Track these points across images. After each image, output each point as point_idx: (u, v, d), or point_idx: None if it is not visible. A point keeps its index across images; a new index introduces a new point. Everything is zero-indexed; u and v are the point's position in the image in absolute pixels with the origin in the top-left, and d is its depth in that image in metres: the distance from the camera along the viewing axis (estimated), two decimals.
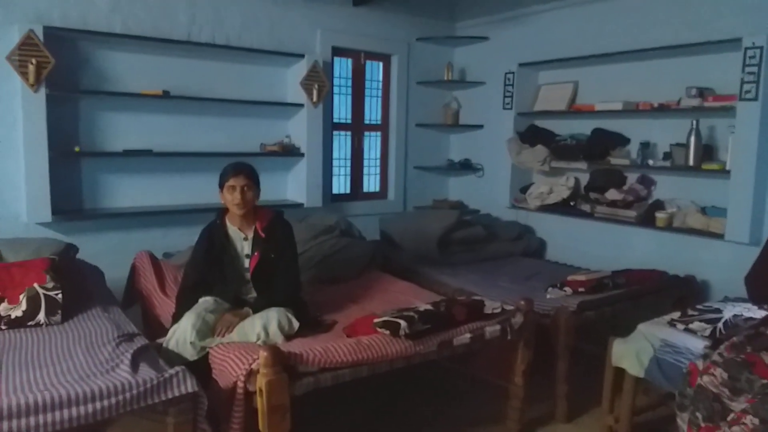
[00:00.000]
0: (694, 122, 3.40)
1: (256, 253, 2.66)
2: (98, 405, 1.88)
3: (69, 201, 3.54)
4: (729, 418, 2.01)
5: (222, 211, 2.71)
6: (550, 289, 3.25)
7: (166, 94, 3.65)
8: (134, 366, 2.05)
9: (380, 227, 4.36)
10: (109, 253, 3.55)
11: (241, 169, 2.62)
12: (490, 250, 4.16)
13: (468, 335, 2.52)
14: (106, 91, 3.56)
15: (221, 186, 2.64)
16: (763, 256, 2.51)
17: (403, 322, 2.33)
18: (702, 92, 3.42)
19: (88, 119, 3.58)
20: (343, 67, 4.61)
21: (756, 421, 1.92)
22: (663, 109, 3.61)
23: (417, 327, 2.37)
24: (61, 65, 3.33)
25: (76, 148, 3.46)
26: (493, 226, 4.33)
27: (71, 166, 3.56)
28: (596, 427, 2.85)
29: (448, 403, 3.14)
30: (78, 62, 3.51)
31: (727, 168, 3.30)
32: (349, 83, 4.67)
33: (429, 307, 2.55)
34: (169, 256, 3.59)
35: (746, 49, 3.15)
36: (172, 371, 2.03)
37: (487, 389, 2.98)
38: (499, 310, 2.66)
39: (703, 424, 2.12)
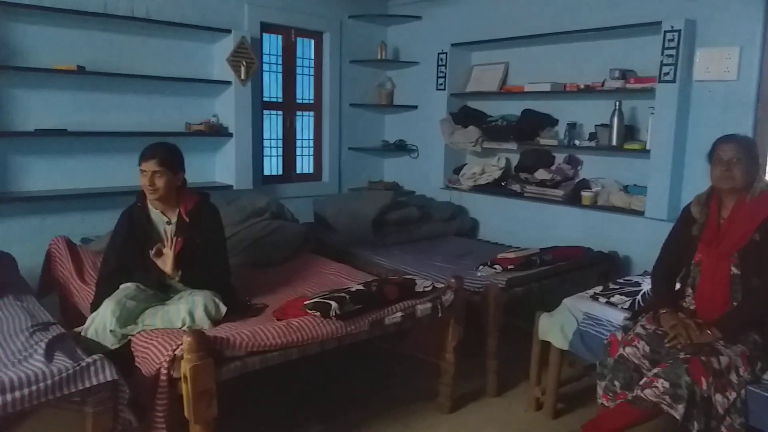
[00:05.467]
0: (617, 103, 3.52)
1: (180, 238, 2.55)
2: (10, 396, 1.78)
3: None
4: (642, 382, 2.11)
5: (143, 193, 2.58)
6: (480, 267, 3.31)
7: (81, 70, 3.43)
8: (49, 355, 1.95)
9: (314, 209, 4.30)
10: (22, 240, 3.33)
11: (151, 154, 2.47)
12: (424, 231, 4.18)
13: (399, 314, 2.53)
14: (15, 66, 3.30)
15: (139, 167, 2.51)
16: (662, 250, 2.59)
17: (333, 303, 2.31)
18: (624, 74, 3.54)
19: None
20: (272, 44, 4.48)
21: (666, 384, 2.02)
22: (588, 91, 3.70)
23: (348, 307, 2.35)
24: None
25: None
26: (427, 207, 4.36)
27: None
28: (525, 400, 2.93)
29: (381, 382, 3.15)
30: None
31: (647, 148, 3.43)
32: (280, 61, 4.55)
33: (360, 287, 2.54)
34: (87, 241, 3.41)
35: (665, 32, 3.27)
36: (89, 360, 1.95)
37: (418, 367, 3.00)
38: (429, 288, 2.68)
39: (619, 391, 2.22)
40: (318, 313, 2.31)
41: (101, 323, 2.29)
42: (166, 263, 2.48)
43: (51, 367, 1.88)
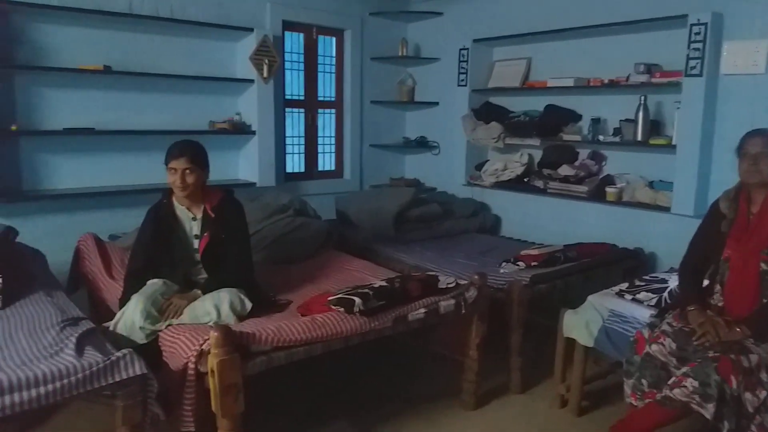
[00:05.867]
0: (642, 98, 3.47)
1: (205, 234, 2.59)
2: (42, 390, 1.81)
3: (7, 182, 3.36)
4: (670, 382, 2.08)
5: (169, 191, 2.62)
6: (503, 263, 3.30)
7: (107, 69, 3.49)
8: (79, 349, 1.98)
9: (336, 206, 4.32)
10: (51, 236, 3.40)
11: (182, 151, 2.50)
12: (445, 227, 4.18)
13: (422, 310, 2.53)
14: (43, 66, 3.37)
15: (166, 165, 2.55)
16: (690, 247, 2.54)
17: (357, 299, 2.32)
18: (650, 68, 3.49)
19: (25, 96, 3.40)
20: (294, 42, 4.50)
21: (695, 383, 1.99)
22: (613, 85, 3.67)
23: (371, 303, 2.36)
24: None
25: (13, 127, 3.28)
26: (449, 204, 4.35)
27: (8, 145, 3.38)
28: (549, 397, 2.92)
29: (405, 378, 3.15)
30: (12, 36, 3.31)
31: (674, 143, 3.38)
32: (301, 59, 4.57)
33: (384, 283, 2.55)
34: (114, 238, 3.47)
35: (691, 25, 3.22)
36: (118, 354, 1.97)
37: (442, 363, 3.01)
38: (453, 285, 2.68)
39: (647, 390, 2.19)
40: (342, 309, 2.32)
41: (130, 318, 2.33)
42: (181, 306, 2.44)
43: (82, 361, 1.91)
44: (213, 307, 2.37)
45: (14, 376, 1.79)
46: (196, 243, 2.62)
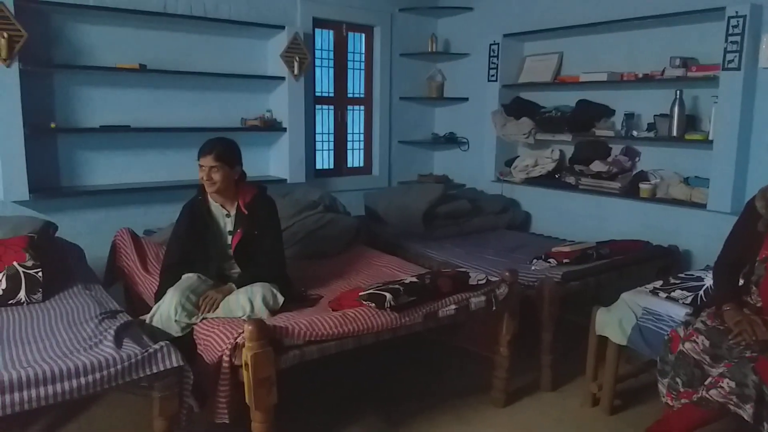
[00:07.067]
0: (678, 92, 3.40)
1: (238, 230, 2.62)
2: (82, 380, 1.86)
3: (46, 179, 3.46)
4: (707, 383, 2.04)
5: (203, 187, 2.65)
6: (534, 260, 3.27)
7: (142, 68, 3.56)
8: (118, 341, 2.03)
9: (365, 202, 4.33)
10: (88, 231, 3.49)
11: (208, 149, 2.53)
12: (475, 224, 4.16)
13: (453, 306, 2.53)
14: (80, 65, 3.46)
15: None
16: (725, 245, 2.48)
17: (388, 295, 2.33)
18: (686, 62, 3.42)
19: (63, 94, 3.49)
20: (324, 39, 4.53)
21: (732, 384, 1.95)
22: (647, 80, 3.60)
23: (402, 299, 2.37)
24: (34, 39, 3.22)
25: (52, 125, 3.38)
26: (478, 200, 4.33)
27: (47, 142, 3.48)
28: (580, 395, 2.89)
29: (435, 375, 3.16)
30: (51, 36, 3.41)
31: (710, 138, 3.31)
32: (331, 56, 4.59)
33: (414, 279, 2.55)
34: (149, 233, 3.54)
35: (729, 18, 3.14)
36: (156, 346, 2.02)
37: (472, 360, 3.00)
38: (483, 282, 2.67)
39: (682, 389, 2.15)
40: (373, 305, 2.33)
41: (165, 312, 2.38)
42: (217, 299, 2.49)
43: (121, 352, 1.96)
44: (246, 301, 2.41)
45: (56, 366, 1.84)
46: (229, 239, 2.66)
